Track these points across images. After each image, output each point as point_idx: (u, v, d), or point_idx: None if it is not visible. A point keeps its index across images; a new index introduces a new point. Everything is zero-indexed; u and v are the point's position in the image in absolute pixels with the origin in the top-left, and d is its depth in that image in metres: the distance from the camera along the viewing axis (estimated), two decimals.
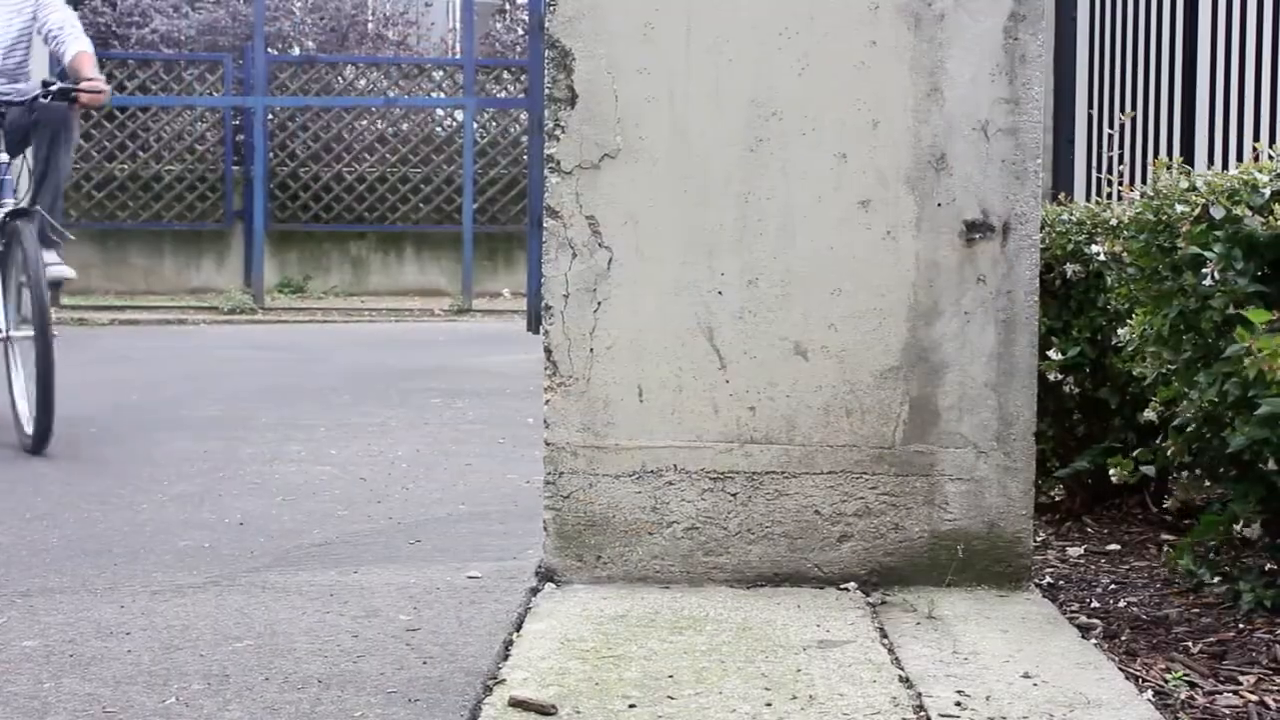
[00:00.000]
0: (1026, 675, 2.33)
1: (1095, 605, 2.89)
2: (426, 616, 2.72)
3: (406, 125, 13.79)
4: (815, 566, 2.92)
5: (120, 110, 13.14)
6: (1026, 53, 2.88)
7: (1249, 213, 2.57)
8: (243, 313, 11.49)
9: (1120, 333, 3.01)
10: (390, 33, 15.44)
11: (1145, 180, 3.67)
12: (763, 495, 2.92)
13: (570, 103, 2.91)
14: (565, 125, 2.91)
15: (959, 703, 2.18)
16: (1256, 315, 2.47)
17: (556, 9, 2.90)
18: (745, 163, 2.90)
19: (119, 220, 13.23)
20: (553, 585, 2.91)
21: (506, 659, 2.42)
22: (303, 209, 13.45)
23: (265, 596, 2.88)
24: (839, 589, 2.90)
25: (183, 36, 14.08)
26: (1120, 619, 2.76)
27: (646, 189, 2.91)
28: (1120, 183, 3.77)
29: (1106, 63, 5.43)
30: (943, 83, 2.89)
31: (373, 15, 15.47)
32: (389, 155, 13.62)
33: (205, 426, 5.22)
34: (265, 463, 4.52)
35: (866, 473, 2.91)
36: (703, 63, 2.90)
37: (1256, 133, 4.24)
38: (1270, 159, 2.73)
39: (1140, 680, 2.36)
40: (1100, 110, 5.42)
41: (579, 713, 2.13)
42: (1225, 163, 4.41)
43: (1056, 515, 3.66)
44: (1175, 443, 2.85)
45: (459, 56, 14.19)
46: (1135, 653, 2.53)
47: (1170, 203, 2.75)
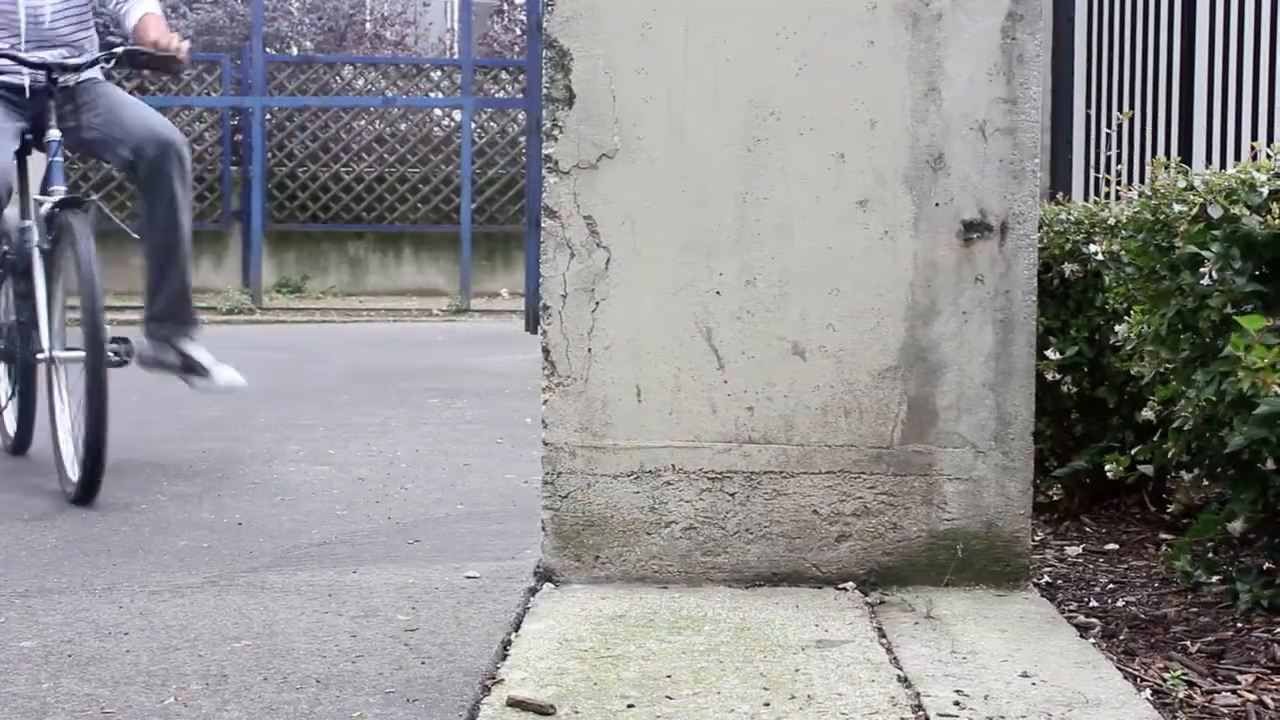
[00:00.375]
0: (1025, 674, 2.33)
1: (1094, 604, 2.89)
2: (425, 616, 2.72)
3: (404, 125, 13.79)
4: (813, 566, 2.92)
5: None
6: (1024, 52, 2.89)
7: (1247, 212, 2.57)
8: (241, 313, 11.48)
9: (1118, 332, 3.01)
10: (388, 33, 15.44)
11: (1143, 180, 3.67)
12: (761, 495, 2.92)
13: (568, 103, 2.91)
14: (563, 125, 2.91)
15: (957, 702, 2.19)
16: (1250, 322, 2.46)
17: (554, 9, 2.90)
18: (743, 163, 2.90)
19: (116, 221, 13.20)
20: (551, 585, 2.91)
21: (505, 659, 2.42)
22: (301, 209, 13.45)
23: (264, 597, 2.88)
24: (837, 589, 2.90)
25: (183, 36, 14.06)
26: (1119, 618, 2.77)
27: (644, 189, 2.91)
28: (1118, 182, 3.78)
29: (1104, 62, 5.43)
30: (940, 82, 2.89)
31: (370, 15, 15.48)
32: (387, 155, 13.62)
33: (203, 427, 5.22)
34: (264, 463, 4.52)
35: (865, 472, 2.91)
36: (701, 63, 2.90)
37: (1254, 132, 4.24)
38: (1268, 158, 2.73)
39: (1138, 679, 2.36)
40: (1098, 110, 5.42)
41: (577, 713, 2.13)
42: (1223, 162, 4.41)
43: (1055, 515, 3.66)
44: (1174, 442, 2.85)
45: (457, 56, 14.20)
46: (1133, 652, 2.53)
47: (1168, 202, 2.75)
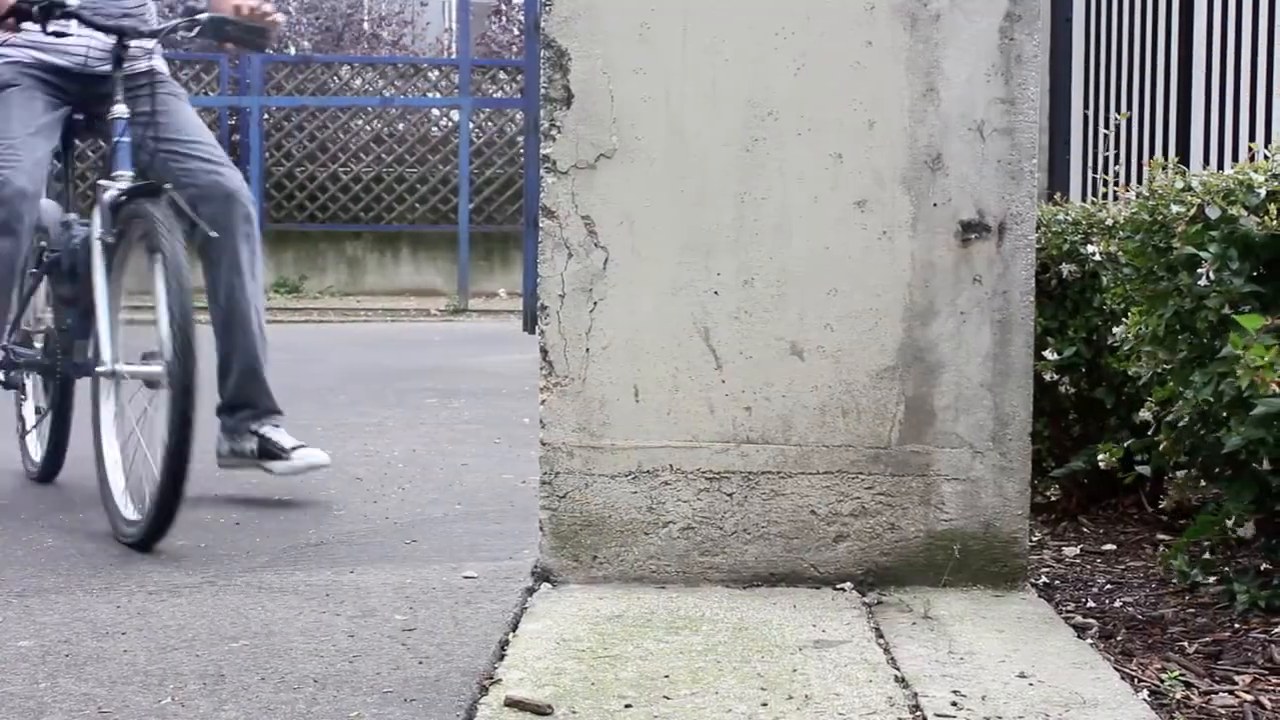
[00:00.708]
0: (1022, 675, 2.33)
1: (1091, 605, 2.89)
2: (422, 616, 2.72)
3: (402, 125, 13.79)
4: (811, 566, 2.92)
5: None
6: (1022, 53, 2.89)
7: (1244, 213, 2.57)
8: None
9: (1116, 333, 3.01)
10: (385, 32, 15.45)
11: (1141, 180, 3.67)
12: (759, 495, 2.92)
13: (566, 103, 2.91)
14: (561, 125, 2.91)
15: (955, 703, 2.19)
16: (1249, 321, 2.46)
17: (552, 9, 2.90)
18: (741, 163, 2.91)
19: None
20: (549, 585, 2.91)
21: (502, 659, 2.42)
22: (299, 209, 13.45)
23: (261, 596, 2.88)
24: (835, 589, 2.90)
25: (178, 36, 14.06)
26: (1116, 619, 2.77)
27: (643, 189, 2.91)
28: (1116, 183, 3.78)
29: (1102, 63, 5.44)
30: (939, 83, 2.89)
31: (368, 15, 15.48)
32: (385, 155, 13.62)
33: (200, 426, 5.21)
34: None
35: (862, 473, 2.91)
36: (699, 63, 2.90)
37: (1252, 133, 4.25)
38: (1266, 159, 2.73)
39: (1136, 680, 2.36)
40: (1096, 110, 5.43)
41: (575, 713, 2.13)
42: (1221, 163, 4.41)
43: (1052, 515, 3.66)
44: (1170, 439, 2.85)
45: (455, 56, 14.20)
46: (1131, 652, 2.53)
47: (1166, 203, 2.75)
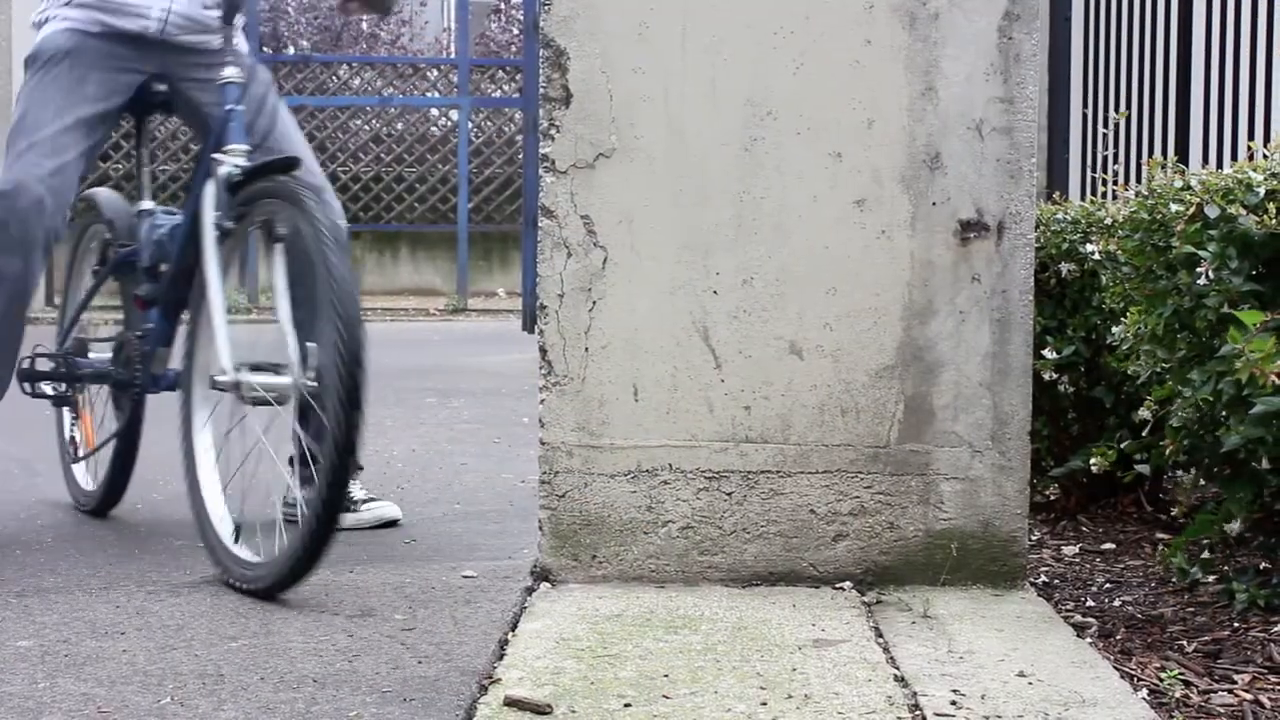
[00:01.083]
0: (1022, 674, 2.33)
1: (1090, 604, 2.89)
2: (421, 616, 2.72)
3: (401, 125, 13.79)
4: (810, 566, 2.92)
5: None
6: (1021, 52, 2.89)
7: (1244, 212, 2.57)
8: (238, 312, 11.48)
9: (1115, 332, 3.01)
10: (384, 32, 15.44)
11: (1140, 179, 3.67)
12: (758, 494, 2.92)
13: (565, 102, 2.91)
14: (560, 125, 2.91)
15: (954, 701, 2.19)
16: (1249, 317, 2.47)
17: (551, 8, 2.90)
18: (741, 162, 2.90)
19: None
20: (548, 585, 2.91)
21: (502, 658, 2.41)
22: None
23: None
24: (834, 588, 2.90)
25: None
26: (1115, 618, 2.77)
27: (642, 188, 2.91)
28: (1115, 182, 3.78)
29: (1101, 62, 5.43)
30: (937, 82, 2.89)
31: (367, 15, 15.46)
32: (384, 155, 13.62)
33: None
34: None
35: (862, 472, 2.91)
36: (698, 62, 2.90)
37: (1251, 132, 4.25)
38: (1265, 158, 2.73)
39: (1135, 679, 2.37)
40: (1095, 109, 5.43)
41: (574, 712, 2.13)
42: (1220, 162, 4.41)
43: (1051, 514, 3.66)
44: (1171, 439, 2.85)
45: (454, 56, 14.19)
46: (1130, 651, 2.53)
47: (1165, 202, 2.75)
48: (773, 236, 2.91)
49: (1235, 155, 4.34)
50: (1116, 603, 2.89)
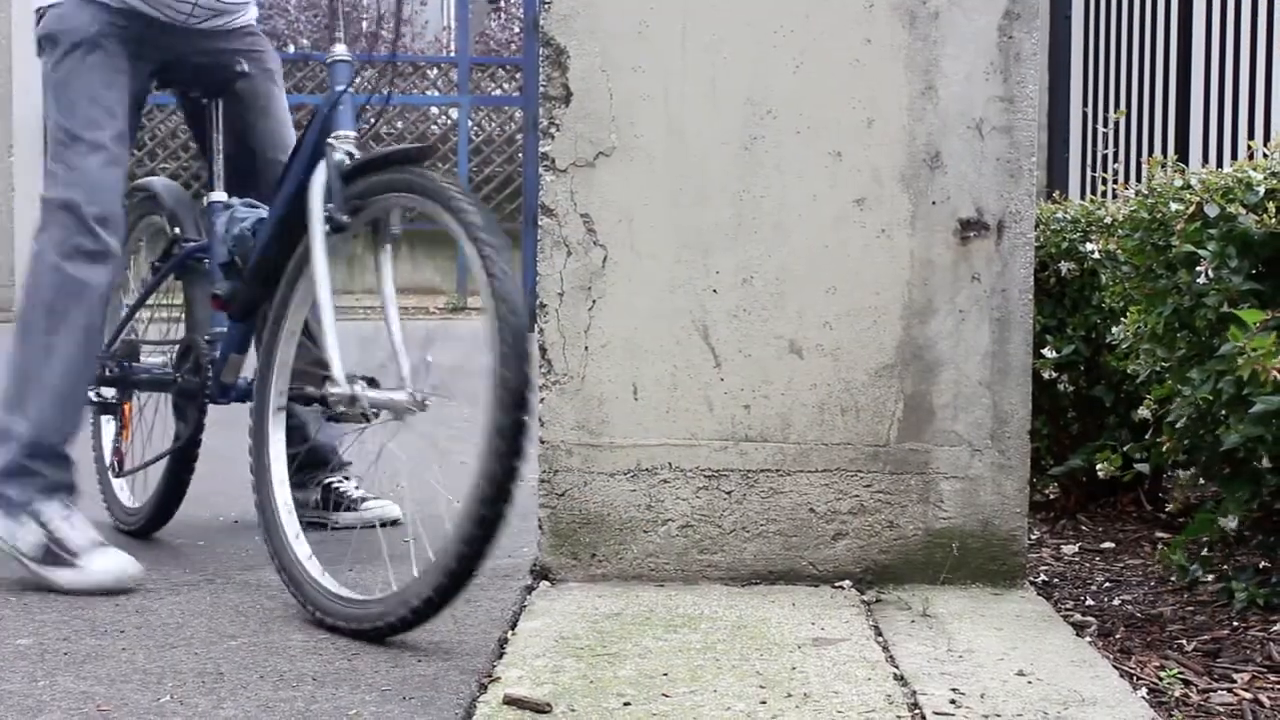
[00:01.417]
0: (1021, 673, 2.33)
1: (1090, 603, 2.89)
2: None
3: (401, 123, 13.78)
4: (810, 564, 2.92)
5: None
6: (1021, 51, 2.89)
7: (1243, 211, 2.57)
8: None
9: (1114, 331, 3.01)
10: (385, 31, 15.43)
11: (1140, 178, 3.67)
12: (757, 493, 2.92)
13: (565, 101, 2.91)
14: (560, 123, 2.91)
15: (954, 700, 2.18)
16: (1250, 315, 2.47)
17: (551, 7, 2.90)
18: (740, 161, 2.90)
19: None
20: (547, 583, 2.91)
21: (501, 657, 2.41)
22: None
23: (260, 595, 2.87)
24: (834, 587, 2.90)
25: None
26: (1115, 617, 2.77)
27: (641, 187, 2.91)
28: (1115, 181, 3.78)
29: (1101, 61, 5.44)
30: (937, 81, 2.89)
31: (366, 14, 15.46)
32: None
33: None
34: None
35: (861, 471, 2.91)
36: (698, 61, 2.90)
37: (1251, 130, 4.25)
38: (1265, 157, 2.73)
39: (1135, 678, 2.37)
40: (1095, 108, 5.43)
41: (574, 711, 2.12)
42: (1220, 160, 4.42)
43: (1051, 513, 3.66)
44: (1170, 438, 2.85)
45: (453, 54, 14.19)
46: (1130, 650, 2.53)
47: (1165, 201, 2.75)
48: (772, 235, 2.90)
49: (1235, 154, 4.35)
50: (1116, 601, 2.89)
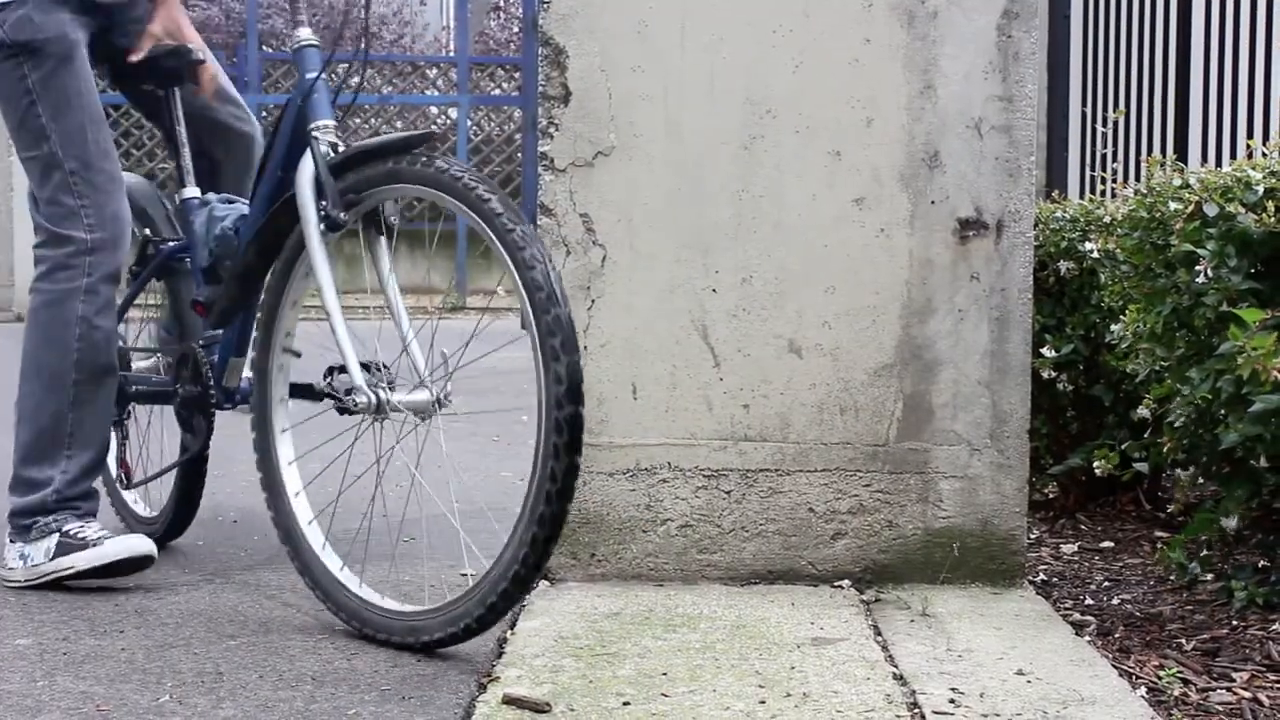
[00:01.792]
0: (1020, 672, 2.33)
1: (1089, 602, 2.89)
2: None
3: (400, 123, 13.78)
4: (809, 564, 2.92)
5: (114, 108, 13.12)
6: (1020, 50, 2.89)
7: (1242, 210, 2.57)
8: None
9: (1114, 330, 3.01)
10: (386, 32, 15.44)
11: (1139, 177, 3.67)
12: (757, 493, 2.92)
13: (564, 100, 2.91)
14: (559, 123, 2.91)
15: (953, 700, 2.19)
16: (1250, 314, 2.47)
17: (550, 6, 2.90)
18: (739, 161, 2.90)
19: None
20: (547, 583, 2.91)
21: (500, 656, 2.41)
22: None
23: (259, 594, 2.88)
24: (833, 586, 2.90)
25: None
26: (1114, 616, 2.77)
27: (640, 187, 2.91)
28: (1114, 180, 3.78)
29: (1100, 60, 5.44)
30: (936, 80, 2.89)
31: (365, 13, 15.48)
32: None
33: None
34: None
35: (860, 470, 2.91)
36: (698, 60, 2.90)
37: (1250, 130, 4.25)
38: (1264, 156, 2.73)
39: (1134, 677, 2.37)
40: (1094, 107, 5.43)
41: (573, 710, 2.13)
42: (1219, 160, 4.42)
43: (1050, 512, 3.66)
44: (1169, 438, 2.85)
45: (453, 54, 14.19)
46: (1129, 650, 2.53)
47: (1164, 200, 2.75)
48: (772, 235, 2.90)
49: (1234, 153, 4.35)
50: (1115, 601, 2.89)
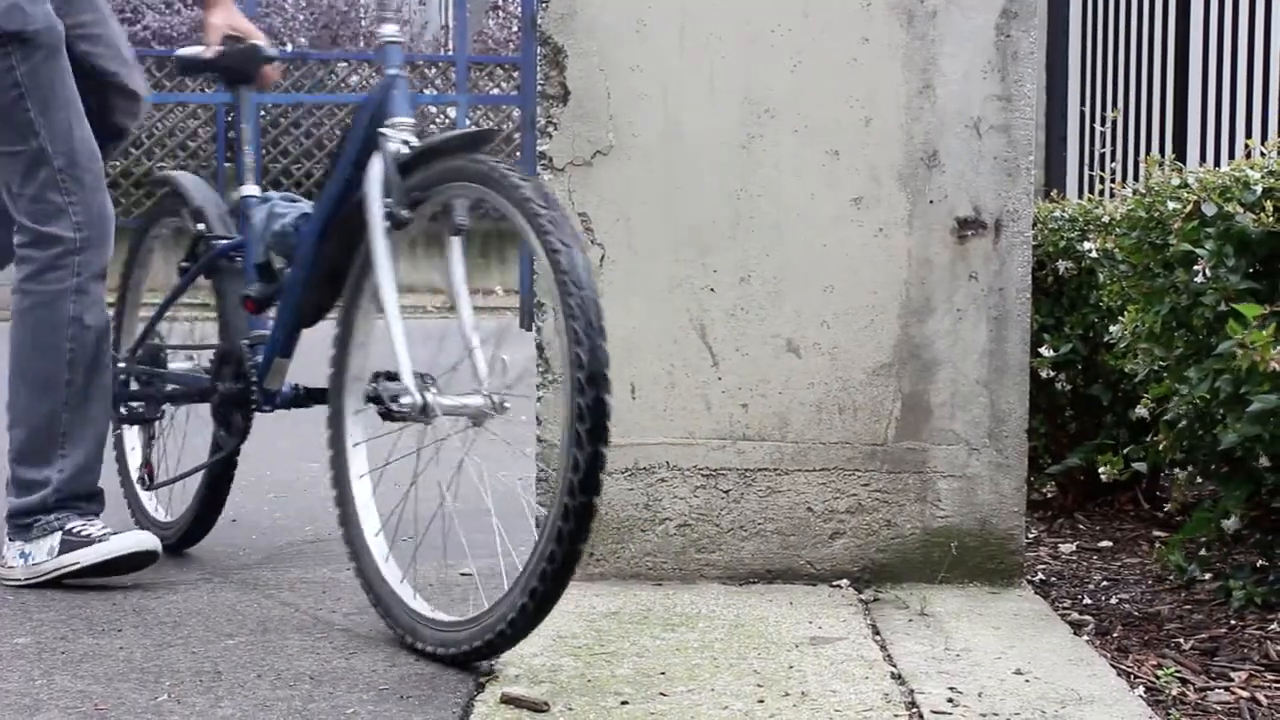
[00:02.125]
0: (1019, 672, 2.33)
1: (1087, 602, 2.89)
2: None
3: None
4: (808, 563, 2.92)
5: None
6: (1019, 50, 2.89)
7: (1241, 210, 2.57)
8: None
9: (1112, 330, 3.01)
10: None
11: (1137, 177, 3.67)
12: (755, 492, 2.92)
13: (563, 100, 2.91)
14: (558, 122, 2.91)
15: (951, 699, 2.19)
16: (1249, 310, 2.47)
17: (549, 6, 2.90)
18: (738, 160, 2.90)
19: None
20: None
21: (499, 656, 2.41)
22: None
23: (257, 593, 2.87)
24: (831, 586, 2.90)
25: (175, 34, 14.07)
26: (1112, 615, 2.77)
27: (639, 186, 2.91)
28: (1112, 179, 3.78)
29: (1099, 60, 5.44)
30: (935, 80, 2.89)
31: (365, 12, 15.46)
32: None
33: (197, 424, 5.20)
34: (256, 460, 4.50)
35: (859, 470, 2.91)
36: (696, 60, 2.90)
37: (1248, 129, 4.25)
38: (1262, 156, 2.73)
39: (1132, 677, 2.37)
40: (1092, 107, 5.43)
41: (571, 710, 2.12)
42: (1217, 159, 4.42)
43: (1049, 512, 3.66)
44: (1167, 437, 2.85)
45: (451, 53, 14.18)
46: (1127, 649, 2.53)
47: (1162, 199, 2.76)
48: (770, 234, 2.90)
49: (1233, 153, 4.35)
50: (1113, 600, 2.89)
